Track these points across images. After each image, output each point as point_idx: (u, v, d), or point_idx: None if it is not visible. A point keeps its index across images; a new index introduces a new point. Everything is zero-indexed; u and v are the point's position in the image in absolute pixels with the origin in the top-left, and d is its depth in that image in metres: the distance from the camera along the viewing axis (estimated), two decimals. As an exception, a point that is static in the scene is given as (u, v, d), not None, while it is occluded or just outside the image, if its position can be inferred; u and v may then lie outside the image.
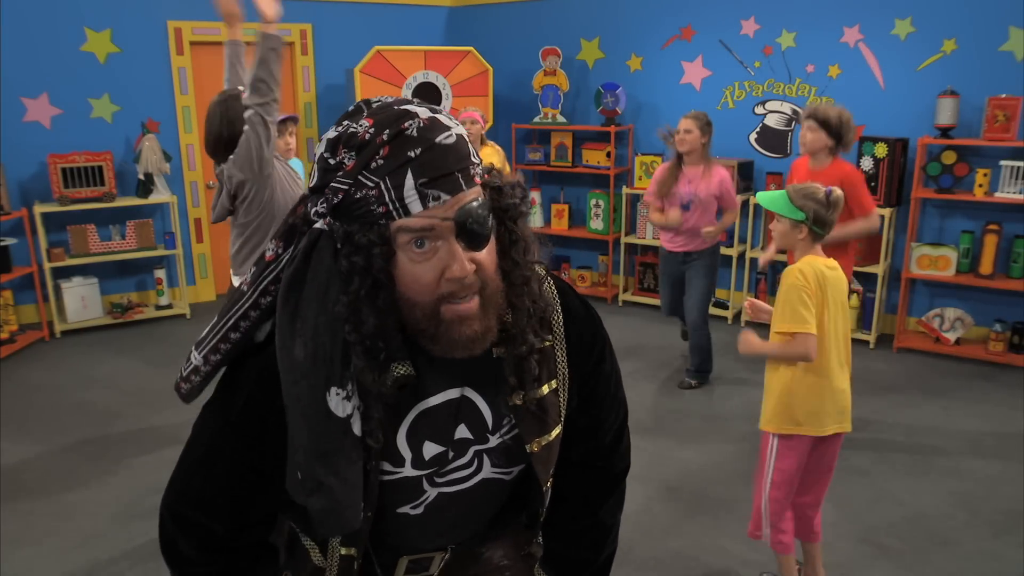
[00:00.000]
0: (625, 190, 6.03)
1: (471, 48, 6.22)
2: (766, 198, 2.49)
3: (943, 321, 4.99)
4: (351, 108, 0.94)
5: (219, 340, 1.02)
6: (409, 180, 0.87)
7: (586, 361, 1.13)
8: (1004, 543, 2.98)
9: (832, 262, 2.45)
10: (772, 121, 5.58)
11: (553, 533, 1.26)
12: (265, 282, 0.98)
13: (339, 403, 0.93)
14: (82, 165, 5.33)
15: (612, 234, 6.20)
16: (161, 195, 5.71)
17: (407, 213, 0.87)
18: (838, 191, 2.41)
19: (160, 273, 5.84)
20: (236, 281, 3.11)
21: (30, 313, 5.53)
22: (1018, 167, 4.55)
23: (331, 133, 0.91)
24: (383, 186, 0.87)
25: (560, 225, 6.41)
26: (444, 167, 0.88)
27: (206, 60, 5.88)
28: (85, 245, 5.49)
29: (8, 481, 3.46)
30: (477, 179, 0.92)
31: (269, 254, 0.98)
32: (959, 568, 2.84)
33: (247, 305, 1.00)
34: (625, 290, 6.24)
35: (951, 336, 4.94)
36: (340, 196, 0.89)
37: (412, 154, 0.87)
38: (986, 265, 4.77)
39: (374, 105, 0.92)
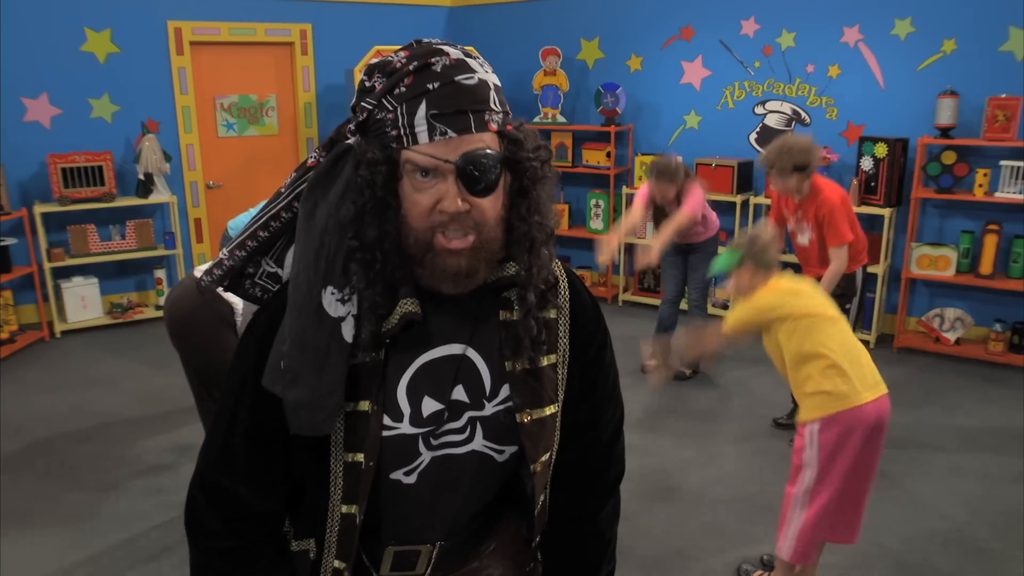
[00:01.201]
0: (625, 190, 6.03)
1: (471, 48, 6.20)
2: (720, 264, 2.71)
3: (943, 321, 4.99)
4: None
5: (247, 238, 1.07)
6: (422, 110, 0.92)
7: (588, 344, 1.15)
8: (1004, 543, 2.98)
9: (792, 282, 2.54)
10: (772, 121, 5.58)
11: (552, 546, 1.25)
12: (301, 186, 1.04)
13: (332, 302, 0.98)
14: (82, 165, 5.34)
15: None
16: (161, 195, 5.71)
17: (415, 141, 0.93)
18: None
19: (160, 273, 5.85)
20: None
21: (30, 313, 5.53)
22: (1018, 167, 4.56)
23: (375, 60, 0.99)
24: (400, 111, 0.94)
25: (560, 225, 6.41)
26: (457, 104, 0.93)
27: (206, 60, 5.89)
28: (85, 245, 5.49)
29: (8, 481, 3.46)
30: (492, 126, 0.96)
31: (311, 161, 1.03)
32: (959, 568, 2.84)
33: (280, 206, 1.06)
34: (625, 290, 6.24)
35: (951, 336, 4.94)
36: (365, 115, 0.97)
37: (431, 86, 0.93)
38: (986, 265, 4.77)
39: (421, 41, 0.99)
